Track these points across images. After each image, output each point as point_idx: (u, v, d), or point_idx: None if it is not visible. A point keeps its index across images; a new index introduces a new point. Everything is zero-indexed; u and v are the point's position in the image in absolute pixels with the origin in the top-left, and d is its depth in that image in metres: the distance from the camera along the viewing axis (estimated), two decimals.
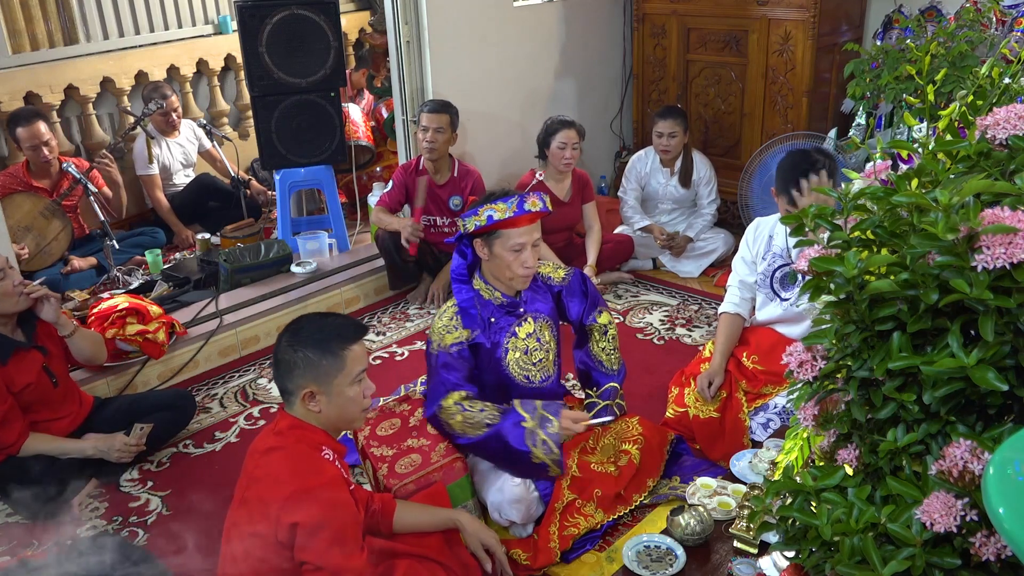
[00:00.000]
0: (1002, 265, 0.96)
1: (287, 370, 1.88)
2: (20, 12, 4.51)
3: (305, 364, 1.86)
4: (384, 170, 4.96)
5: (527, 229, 2.35)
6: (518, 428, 2.30)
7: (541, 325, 2.52)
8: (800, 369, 1.21)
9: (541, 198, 2.36)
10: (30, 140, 3.99)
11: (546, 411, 2.34)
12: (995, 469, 0.90)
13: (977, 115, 1.31)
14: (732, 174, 4.41)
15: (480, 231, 2.36)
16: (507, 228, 2.33)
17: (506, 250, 2.35)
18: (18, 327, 2.70)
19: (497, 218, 2.30)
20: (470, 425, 2.36)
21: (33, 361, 2.69)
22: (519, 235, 2.34)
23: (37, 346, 2.72)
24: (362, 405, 1.94)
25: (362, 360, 1.92)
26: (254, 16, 3.82)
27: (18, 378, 2.63)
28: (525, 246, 2.35)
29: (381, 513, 2.14)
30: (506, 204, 2.31)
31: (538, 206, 2.34)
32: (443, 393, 2.39)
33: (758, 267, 2.89)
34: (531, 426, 2.31)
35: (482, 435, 2.33)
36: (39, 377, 2.69)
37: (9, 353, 2.62)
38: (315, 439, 1.90)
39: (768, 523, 1.22)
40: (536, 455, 2.30)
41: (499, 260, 2.38)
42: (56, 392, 2.76)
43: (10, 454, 2.64)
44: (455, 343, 2.40)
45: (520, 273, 2.39)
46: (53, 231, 4.10)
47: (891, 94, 3.64)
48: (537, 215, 2.36)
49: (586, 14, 4.80)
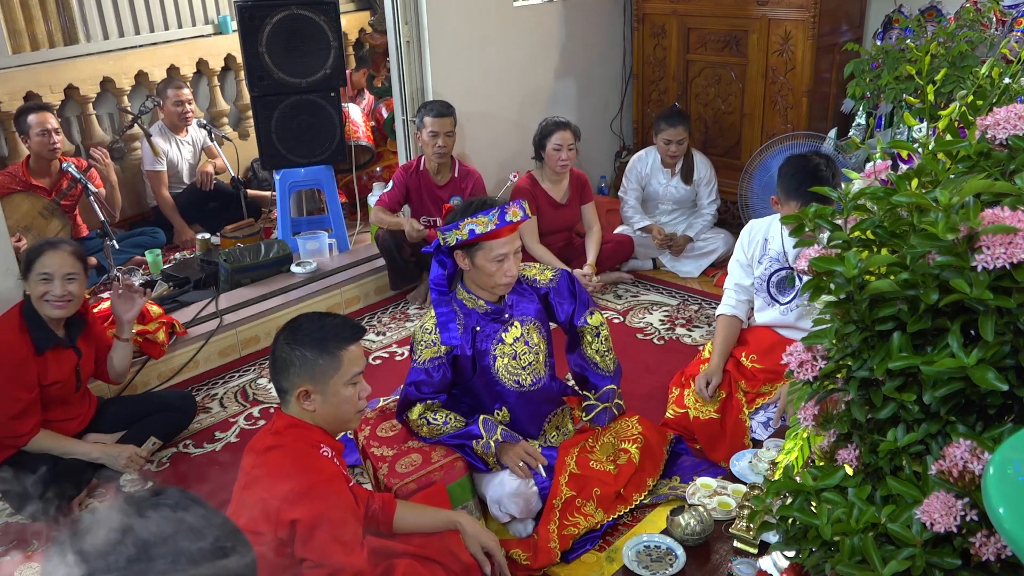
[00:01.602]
0: (1002, 265, 0.96)
1: (283, 368, 1.89)
2: (20, 12, 4.51)
3: (301, 363, 1.86)
4: (384, 170, 4.96)
5: (508, 239, 2.35)
6: (469, 445, 2.42)
7: (529, 328, 2.52)
8: (800, 369, 1.21)
9: (521, 206, 2.36)
10: (40, 125, 4.01)
11: (505, 442, 2.43)
12: (995, 469, 0.90)
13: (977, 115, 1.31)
14: (732, 174, 4.41)
15: (462, 244, 2.36)
16: (489, 240, 2.33)
17: (488, 261, 2.35)
18: (64, 326, 2.74)
19: (479, 232, 2.30)
20: (435, 434, 2.45)
21: (67, 360, 2.73)
22: (501, 246, 2.34)
23: (75, 347, 2.76)
24: (357, 407, 1.94)
25: (359, 362, 1.92)
26: (254, 16, 3.82)
27: (50, 372, 2.67)
28: (507, 256, 2.36)
29: (381, 513, 2.14)
30: (487, 217, 2.30)
31: (519, 215, 2.34)
32: (409, 406, 2.46)
33: (754, 271, 2.88)
34: (479, 448, 2.41)
35: (442, 439, 2.45)
36: (69, 377, 2.73)
37: (48, 346, 2.66)
38: (313, 437, 1.90)
39: (768, 523, 1.22)
40: (487, 460, 2.43)
41: (481, 271, 2.38)
42: (76, 394, 2.80)
43: (18, 445, 2.65)
44: (433, 357, 2.42)
45: (502, 282, 2.39)
46: (52, 231, 4.10)
47: (891, 94, 3.64)
48: (518, 224, 2.36)
49: (586, 14, 4.80)
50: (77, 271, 2.65)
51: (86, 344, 2.82)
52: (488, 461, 2.42)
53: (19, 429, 2.62)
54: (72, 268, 2.64)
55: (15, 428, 2.61)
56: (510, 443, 2.42)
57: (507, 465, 2.40)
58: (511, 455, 2.40)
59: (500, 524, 2.44)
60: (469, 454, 2.44)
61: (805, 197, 2.57)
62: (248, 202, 4.60)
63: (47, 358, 2.66)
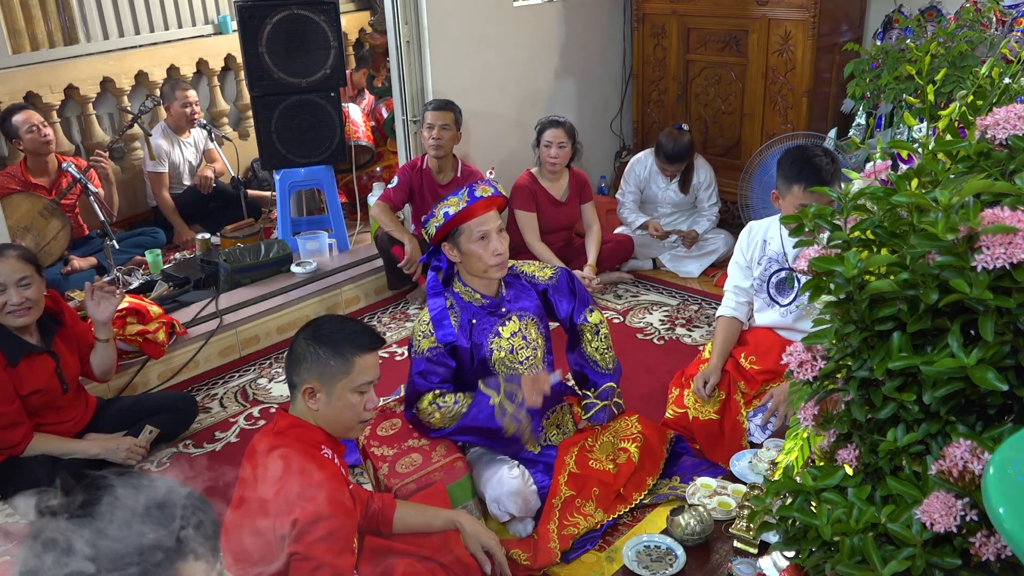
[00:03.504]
0: (1002, 265, 0.96)
1: (296, 362, 1.89)
2: (20, 12, 4.51)
3: (314, 359, 1.87)
4: (384, 170, 4.96)
5: (486, 217, 2.39)
6: (487, 407, 2.36)
7: (527, 323, 2.52)
8: (800, 369, 1.21)
9: (491, 184, 2.42)
10: (26, 123, 4.02)
11: (508, 384, 2.39)
12: (995, 469, 0.90)
13: (977, 115, 1.30)
14: (732, 174, 4.41)
15: (443, 232, 2.40)
16: (466, 221, 2.37)
17: (472, 242, 2.38)
18: (37, 330, 2.69)
19: (452, 212, 2.35)
20: (449, 418, 2.41)
21: (45, 366, 2.67)
22: (479, 224, 2.37)
23: (50, 352, 2.70)
24: (360, 416, 1.93)
25: (371, 371, 1.91)
26: (254, 16, 3.82)
27: (28, 381, 2.62)
28: (489, 233, 2.38)
29: (381, 513, 2.14)
30: (457, 197, 2.37)
31: (488, 191, 2.39)
32: (417, 397, 2.44)
33: (754, 272, 2.87)
34: (497, 401, 2.36)
35: (459, 423, 2.40)
36: (49, 383, 2.68)
37: (21, 355, 2.61)
38: (314, 438, 1.90)
39: (768, 523, 1.22)
40: (508, 429, 2.35)
41: (469, 255, 2.40)
42: (65, 397, 2.75)
43: (15, 454, 2.64)
44: (432, 347, 2.42)
45: (492, 262, 2.40)
46: (52, 231, 4.10)
47: (891, 94, 3.64)
48: (492, 200, 2.40)
49: (586, 14, 4.80)
50: (29, 273, 2.57)
51: (65, 345, 2.77)
52: (507, 424, 2.34)
53: (9, 440, 2.60)
54: (23, 272, 2.55)
55: (6, 439, 2.59)
56: (516, 385, 2.38)
57: (530, 401, 2.35)
58: (528, 394, 2.36)
59: (500, 524, 2.44)
60: (488, 441, 2.41)
61: (807, 178, 2.58)
62: (248, 202, 4.60)
63: (21, 368, 2.60)
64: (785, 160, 2.70)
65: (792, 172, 2.64)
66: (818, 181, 2.55)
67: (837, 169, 2.63)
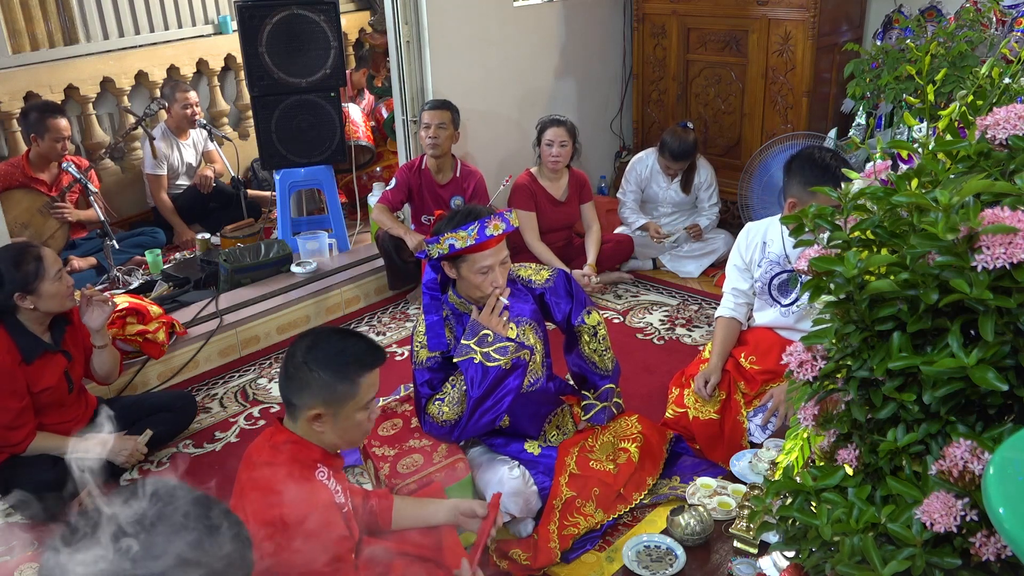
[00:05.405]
0: (1002, 265, 0.96)
1: (298, 387, 1.81)
2: (20, 12, 4.51)
3: (319, 385, 1.79)
4: (384, 170, 4.96)
5: (493, 251, 2.32)
6: (479, 368, 2.31)
7: (524, 329, 2.50)
8: (800, 369, 1.21)
9: (503, 219, 2.32)
10: (57, 132, 4.02)
11: (471, 337, 2.34)
12: (995, 469, 0.90)
13: (977, 115, 1.30)
14: (732, 174, 4.42)
15: (444, 257, 2.35)
16: (472, 253, 2.31)
17: (473, 273, 2.33)
18: (48, 329, 2.72)
19: (459, 247, 2.28)
20: (457, 404, 2.37)
21: (57, 365, 2.71)
22: (484, 259, 2.31)
23: (63, 351, 2.74)
24: (365, 430, 1.90)
25: (375, 387, 1.87)
26: (254, 16, 3.82)
27: (41, 379, 2.65)
28: (492, 268, 2.33)
29: (379, 510, 2.13)
30: (467, 232, 2.27)
31: (500, 229, 2.30)
32: (425, 405, 2.43)
33: (754, 274, 2.86)
34: (479, 357, 2.31)
35: (471, 406, 2.34)
36: (59, 381, 2.71)
37: (37, 354, 2.64)
38: (311, 456, 1.85)
39: (768, 523, 1.22)
40: (502, 363, 2.30)
41: (468, 281, 2.36)
42: (70, 397, 2.78)
43: (16, 453, 2.65)
44: (429, 357, 2.41)
45: (490, 292, 2.37)
46: (50, 229, 4.10)
47: (891, 94, 3.64)
48: (502, 237, 2.33)
49: (586, 14, 4.80)
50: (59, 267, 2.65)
51: (74, 345, 2.81)
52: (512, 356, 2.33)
53: (13, 438, 2.61)
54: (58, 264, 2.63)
55: (9, 437, 2.61)
56: (479, 328, 2.35)
57: (487, 324, 2.33)
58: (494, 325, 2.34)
59: (500, 524, 2.44)
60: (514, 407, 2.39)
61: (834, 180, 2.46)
62: (248, 202, 4.60)
63: (36, 365, 2.64)
64: (806, 166, 2.59)
65: (816, 179, 2.53)
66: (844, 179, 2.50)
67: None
